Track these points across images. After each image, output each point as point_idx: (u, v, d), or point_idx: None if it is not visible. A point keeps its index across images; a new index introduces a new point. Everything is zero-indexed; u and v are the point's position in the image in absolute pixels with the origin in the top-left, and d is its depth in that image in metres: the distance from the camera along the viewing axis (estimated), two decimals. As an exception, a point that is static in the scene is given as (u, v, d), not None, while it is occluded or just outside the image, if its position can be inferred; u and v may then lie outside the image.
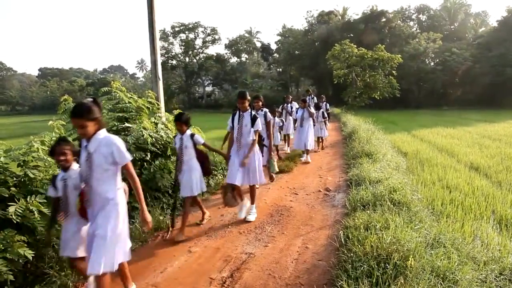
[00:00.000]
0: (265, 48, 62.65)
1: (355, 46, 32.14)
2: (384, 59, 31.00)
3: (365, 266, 3.43)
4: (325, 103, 15.11)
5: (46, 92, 74.41)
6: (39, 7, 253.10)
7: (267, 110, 6.80)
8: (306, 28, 56.27)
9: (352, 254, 3.72)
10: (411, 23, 53.17)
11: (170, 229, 4.94)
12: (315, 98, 15.43)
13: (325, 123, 11.86)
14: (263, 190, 7.02)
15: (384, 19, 47.29)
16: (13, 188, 3.98)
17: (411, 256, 3.40)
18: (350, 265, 3.53)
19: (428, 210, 5.44)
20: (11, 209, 3.61)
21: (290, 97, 12.15)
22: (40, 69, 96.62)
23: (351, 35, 44.62)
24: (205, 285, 3.67)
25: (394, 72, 31.72)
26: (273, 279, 3.73)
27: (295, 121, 10.98)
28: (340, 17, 53.05)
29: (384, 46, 32.26)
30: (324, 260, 4.09)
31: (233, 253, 4.34)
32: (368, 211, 4.86)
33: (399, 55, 31.82)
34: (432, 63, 45.87)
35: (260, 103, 6.84)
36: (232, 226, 5.20)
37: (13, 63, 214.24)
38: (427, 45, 42.86)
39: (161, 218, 5.19)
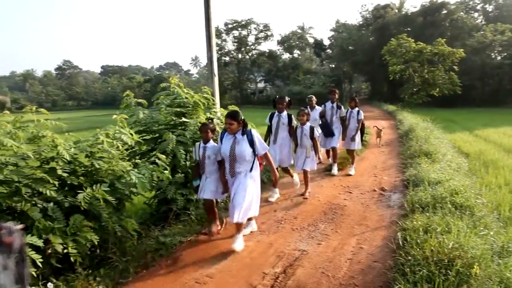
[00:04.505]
0: (318, 44, 61.76)
1: (413, 40, 30.68)
2: (445, 53, 29.30)
3: (424, 270, 3.29)
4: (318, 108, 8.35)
5: (107, 88, 79.00)
6: (101, 8, 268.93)
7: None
8: (361, 22, 54.71)
9: (410, 258, 3.59)
10: (476, 14, 49.68)
11: (224, 222, 5.05)
12: (341, 107, 8.29)
13: (315, 148, 6.35)
14: (316, 187, 6.96)
15: (445, 11, 44.60)
16: (81, 177, 4.27)
17: (476, 264, 3.21)
18: (408, 269, 3.41)
19: (493, 216, 5.10)
20: (80, 197, 3.88)
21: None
22: (102, 66, 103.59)
23: (408, 29, 42.60)
24: (258, 279, 3.71)
25: (455, 67, 29.89)
26: (326, 278, 3.70)
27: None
28: (396, 11, 50.93)
29: (444, 39, 30.43)
30: (379, 262, 3.98)
31: (286, 249, 4.35)
32: (428, 214, 4.65)
33: (461, 49, 29.89)
34: (499, 57, 42.54)
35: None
36: (284, 222, 5.21)
37: (78, 61, 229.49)
38: (494, 38, 39.75)
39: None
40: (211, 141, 4.74)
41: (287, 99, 6.41)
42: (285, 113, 6.38)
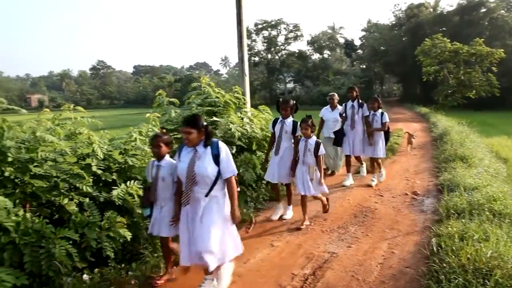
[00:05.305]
0: (349, 44, 60.92)
1: (448, 40, 29.64)
2: (483, 54, 28.13)
3: (460, 279, 3.17)
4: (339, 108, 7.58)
5: (139, 87, 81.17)
6: (134, 11, 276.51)
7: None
8: (393, 22, 53.47)
9: (445, 265, 3.47)
10: (518, 13, 47.38)
11: (253, 222, 5.06)
12: (364, 104, 7.19)
13: (318, 167, 5.01)
14: (346, 190, 6.87)
15: (483, 10, 42.77)
16: (115, 174, 4.40)
17: (518, 275, 3.06)
18: (443, 276, 3.29)
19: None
20: (115, 193, 4.00)
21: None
22: (134, 66, 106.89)
23: (444, 28, 41.17)
24: (287, 280, 3.69)
25: (494, 68, 28.66)
26: (356, 281, 3.63)
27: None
28: (431, 10, 49.38)
29: (482, 39, 29.25)
30: (412, 268, 3.86)
31: (315, 251, 4.31)
32: (463, 220, 4.47)
33: (501, 50, 28.61)
34: (542, 58, 40.40)
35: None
36: (314, 224, 5.16)
37: (112, 61, 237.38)
38: (537, 37, 37.80)
39: (244, 211, 5.32)
40: (167, 157, 3.57)
41: (291, 103, 5.30)
42: (290, 119, 5.23)
